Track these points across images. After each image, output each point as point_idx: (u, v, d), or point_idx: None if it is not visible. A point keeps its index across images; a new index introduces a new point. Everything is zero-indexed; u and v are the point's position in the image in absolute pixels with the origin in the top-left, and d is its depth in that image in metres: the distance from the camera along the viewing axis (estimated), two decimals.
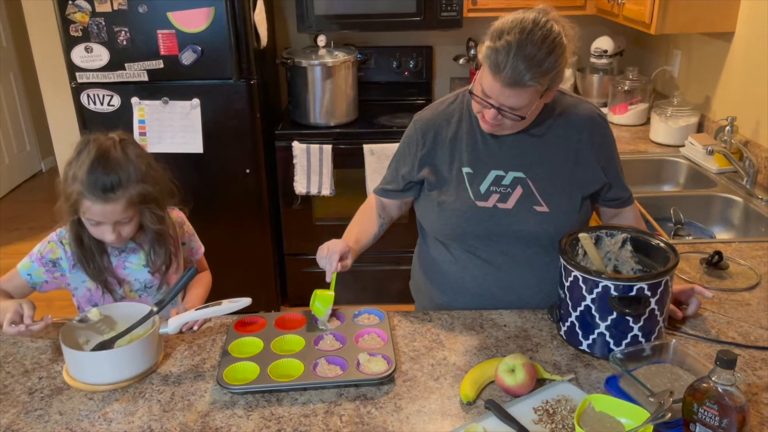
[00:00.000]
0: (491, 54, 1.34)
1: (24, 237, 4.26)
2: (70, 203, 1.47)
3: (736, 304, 1.54)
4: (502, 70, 1.32)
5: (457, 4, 3.00)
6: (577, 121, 1.53)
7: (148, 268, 1.62)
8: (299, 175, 3.02)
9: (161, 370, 1.37)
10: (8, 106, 5.07)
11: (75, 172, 1.45)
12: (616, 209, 1.63)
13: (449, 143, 1.56)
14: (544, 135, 1.52)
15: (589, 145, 1.53)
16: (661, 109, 2.70)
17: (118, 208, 1.46)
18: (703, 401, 1.06)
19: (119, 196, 1.45)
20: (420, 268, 1.75)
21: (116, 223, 1.49)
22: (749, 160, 2.24)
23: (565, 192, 1.52)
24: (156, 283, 1.64)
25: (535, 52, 1.31)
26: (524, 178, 1.51)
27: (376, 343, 1.41)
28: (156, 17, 2.67)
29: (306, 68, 3.00)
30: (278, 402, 1.26)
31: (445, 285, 1.64)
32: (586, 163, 1.53)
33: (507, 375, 1.24)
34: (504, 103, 1.38)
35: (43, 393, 1.30)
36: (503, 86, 1.34)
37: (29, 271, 1.56)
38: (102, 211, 1.45)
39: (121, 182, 1.45)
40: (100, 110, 2.81)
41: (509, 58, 1.31)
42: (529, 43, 1.31)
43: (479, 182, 1.53)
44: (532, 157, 1.52)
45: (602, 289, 1.29)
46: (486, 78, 1.37)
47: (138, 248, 1.61)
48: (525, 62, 1.31)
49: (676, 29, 2.46)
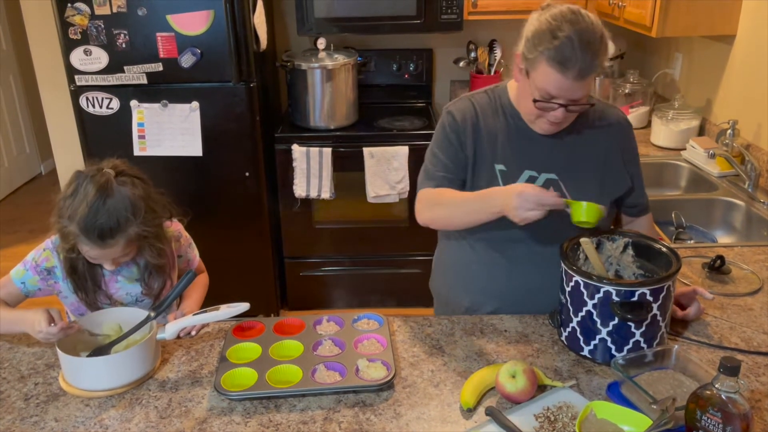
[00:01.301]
0: (555, 53, 1.34)
1: (23, 239, 4.25)
2: (66, 241, 1.45)
3: (738, 309, 1.53)
4: (573, 64, 1.33)
5: (458, 7, 2.99)
6: (607, 125, 1.55)
7: (140, 283, 1.60)
8: (299, 179, 3.01)
9: (158, 376, 1.35)
10: (8, 109, 5.06)
11: (71, 214, 1.42)
12: (634, 217, 1.63)
13: (485, 137, 1.54)
14: (575, 138, 1.53)
15: (618, 149, 1.54)
16: (662, 112, 2.69)
17: (117, 249, 1.46)
18: (707, 408, 1.04)
19: (117, 240, 1.44)
20: (443, 269, 1.73)
21: (115, 258, 1.49)
22: (751, 164, 2.22)
23: (596, 195, 1.52)
24: (146, 298, 1.62)
25: (593, 38, 1.34)
26: (556, 180, 1.51)
27: (375, 349, 1.40)
28: (155, 20, 2.66)
29: (306, 71, 2.99)
30: (276, 408, 1.25)
31: (470, 287, 1.62)
32: (615, 166, 1.54)
33: (507, 381, 1.23)
34: (572, 97, 1.38)
35: (38, 399, 1.29)
36: (574, 80, 1.35)
37: (23, 279, 1.55)
38: (101, 253, 1.46)
39: (119, 227, 1.42)
40: (99, 113, 2.80)
41: (575, 50, 1.32)
42: (584, 31, 1.33)
43: (512, 181, 1.51)
44: (564, 160, 1.52)
45: (604, 294, 1.28)
46: (549, 79, 1.36)
47: (131, 262, 1.58)
48: (590, 50, 1.33)
49: (677, 32, 2.45)
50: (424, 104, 3.48)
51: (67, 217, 1.42)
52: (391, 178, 2.99)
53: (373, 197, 3.03)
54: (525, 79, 1.43)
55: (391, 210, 3.12)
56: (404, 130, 3.07)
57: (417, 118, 3.24)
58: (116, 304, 1.59)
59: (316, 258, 3.25)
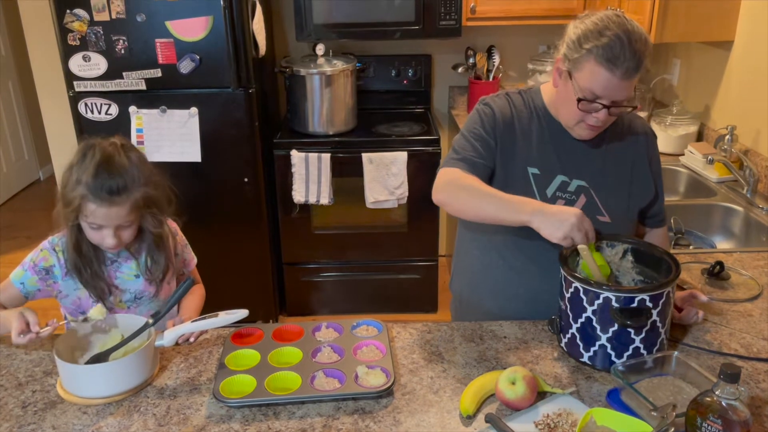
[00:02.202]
0: (604, 51, 1.35)
1: (22, 245, 4.24)
2: (71, 207, 1.46)
3: (738, 315, 1.53)
4: (622, 62, 1.34)
5: (456, 13, 3.00)
6: (635, 134, 1.56)
7: (140, 278, 1.60)
8: (298, 184, 3.00)
9: (157, 383, 1.35)
10: (6, 115, 5.06)
11: (78, 177, 1.44)
12: (652, 228, 1.64)
13: (519, 137, 1.53)
14: (606, 146, 1.53)
15: (644, 159, 1.56)
16: (660, 117, 2.70)
17: (123, 211, 1.47)
18: (707, 415, 1.04)
19: (124, 199, 1.46)
20: (465, 274, 1.71)
21: (117, 228, 1.49)
22: (749, 169, 2.23)
23: (624, 203, 1.53)
24: (146, 294, 1.63)
25: (640, 39, 1.35)
26: (587, 187, 1.51)
27: (374, 355, 1.39)
28: (154, 26, 2.66)
29: (305, 77, 3.00)
30: (275, 416, 1.24)
31: (494, 291, 1.61)
32: (642, 176, 1.55)
33: (507, 388, 1.23)
34: (617, 97, 1.39)
35: (36, 407, 1.29)
36: (621, 79, 1.36)
37: (22, 280, 1.54)
38: (106, 214, 1.45)
39: (126, 185, 1.46)
40: (97, 119, 2.80)
41: (624, 48, 1.33)
42: (632, 32, 1.35)
43: (545, 185, 1.51)
44: (595, 167, 1.52)
45: (603, 300, 1.28)
46: (596, 78, 1.37)
47: (131, 258, 1.60)
48: (638, 50, 1.34)
49: (676, 38, 2.46)
50: (423, 110, 3.49)
51: (75, 180, 1.45)
52: (389, 184, 2.99)
53: (372, 203, 3.03)
54: (567, 82, 1.43)
55: (390, 215, 3.12)
56: (403, 135, 3.07)
57: (416, 123, 3.25)
58: (116, 297, 1.59)
59: (315, 264, 3.25)
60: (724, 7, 2.40)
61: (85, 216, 1.46)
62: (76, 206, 1.45)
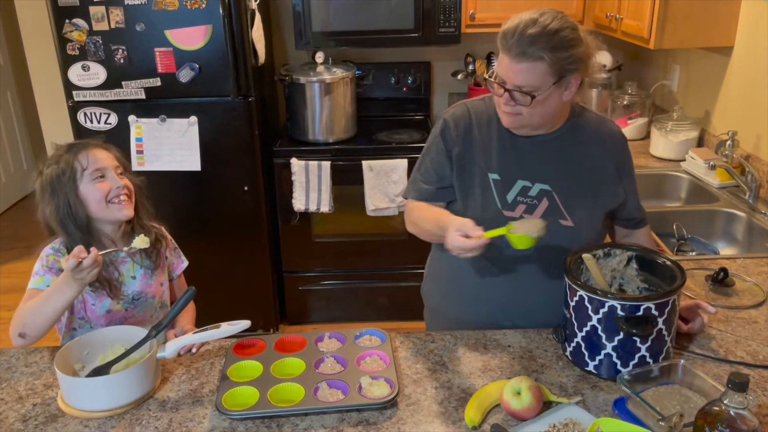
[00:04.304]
0: (503, 35, 1.39)
1: (21, 256, 4.22)
2: (65, 178, 1.53)
3: (743, 322, 1.52)
4: (510, 42, 1.37)
5: (455, 20, 3.00)
6: (602, 138, 1.55)
7: (137, 279, 1.63)
8: (298, 192, 3.00)
9: (159, 395, 1.34)
10: (5, 125, 5.05)
11: (56, 157, 1.57)
12: (631, 230, 1.63)
13: (479, 145, 1.54)
14: (570, 149, 1.53)
15: (612, 162, 1.54)
16: (660, 123, 2.69)
17: (113, 153, 1.61)
18: (715, 425, 1.03)
19: (108, 146, 1.62)
20: (435, 279, 1.73)
21: (118, 174, 1.58)
22: (751, 175, 2.22)
23: (589, 207, 1.52)
24: (143, 295, 1.65)
25: (543, 26, 1.36)
26: (550, 190, 1.51)
27: (378, 366, 1.38)
28: (153, 35, 2.66)
29: (304, 85, 2.99)
30: (279, 428, 1.23)
31: (464, 297, 1.62)
32: (609, 179, 1.54)
33: (513, 398, 1.21)
34: (515, 81, 1.39)
35: (37, 420, 1.27)
36: (511, 60, 1.37)
37: (45, 283, 1.52)
38: (101, 154, 1.57)
39: (100, 143, 1.62)
40: (97, 128, 2.79)
41: (517, 31, 1.36)
42: (538, 21, 1.37)
43: (506, 191, 1.51)
44: (558, 171, 1.52)
45: (608, 309, 1.27)
46: (500, 60, 1.42)
47: (128, 259, 1.63)
48: (532, 34, 1.35)
49: (675, 44, 2.46)
50: (423, 117, 3.48)
51: (54, 161, 1.56)
52: (390, 191, 2.98)
53: (373, 210, 3.02)
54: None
55: (391, 223, 3.11)
56: (403, 143, 3.07)
57: (416, 131, 3.24)
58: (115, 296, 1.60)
59: (315, 272, 3.24)
60: (723, 12, 2.40)
61: (83, 169, 1.54)
62: (71, 170, 1.53)
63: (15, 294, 3.83)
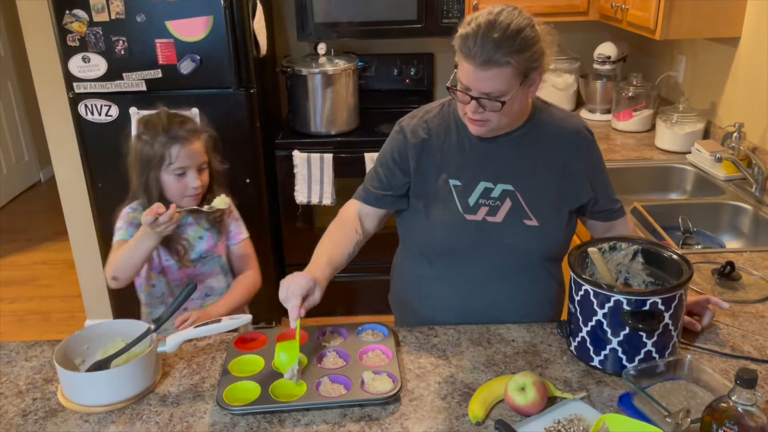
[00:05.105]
0: (462, 40, 1.34)
1: (22, 248, 4.22)
2: (155, 161, 1.68)
3: (750, 317, 1.50)
4: (474, 50, 1.31)
5: (458, 11, 2.98)
6: (565, 134, 1.51)
7: (204, 239, 1.80)
8: (300, 185, 2.98)
9: (159, 390, 1.33)
10: (6, 116, 5.04)
11: (154, 134, 1.68)
12: (606, 222, 1.59)
13: (437, 153, 1.51)
14: (533, 148, 1.49)
15: (576, 159, 1.50)
16: (666, 115, 2.67)
17: (199, 148, 1.72)
18: (723, 421, 1.02)
19: (198, 137, 1.73)
20: (402, 285, 1.72)
21: (198, 170, 1.71)
22: (758, 167, 2.20)
23: (553, 205, 1.49)
24: (210, 254, 1.82)
25: (504, 29, 1.31)
26: (513, 191, 1.48)
27: (380, 360, 1.37)
28: (154, 26, 2.64)
29: (306, 76, 2.97)
30: (280, 423, 1.22)
31: (430, 302, 1.60)
32: (574, 176, 1.50)
33: (517, 394, 1.20)
34: (482, 89, 1.35)
35: (37, 415, 1.26)
36: (477, 68, 1.32)
37: (130, 234, 1.70)
38: (189, 152, 1.68)
39: (196, 127, 1.75)
40: (97, 120, 2.78)
41: (478, 37, 1.31)
42: (497, 23, 1.32)
43: (467, 195, 1.49)
44: (521, 170, 1.49)
45: (614, 303, 1.25)
46: (461, 68, 1.36)
47: (194, 223, 1.80)
48: (495, 39, 1.30)
49: (681, 35, 2.43)
50: None
51: (151, 137, 1.68)
52: None
53: None
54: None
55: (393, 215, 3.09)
56: None
57: None
58: (186, 253, 1.78)
59: None
60: (730, 3, 2.37)
61: (170, 163, 1.67)
62: (159, 158, 1.67)
63: (16, 286, 3.82)
